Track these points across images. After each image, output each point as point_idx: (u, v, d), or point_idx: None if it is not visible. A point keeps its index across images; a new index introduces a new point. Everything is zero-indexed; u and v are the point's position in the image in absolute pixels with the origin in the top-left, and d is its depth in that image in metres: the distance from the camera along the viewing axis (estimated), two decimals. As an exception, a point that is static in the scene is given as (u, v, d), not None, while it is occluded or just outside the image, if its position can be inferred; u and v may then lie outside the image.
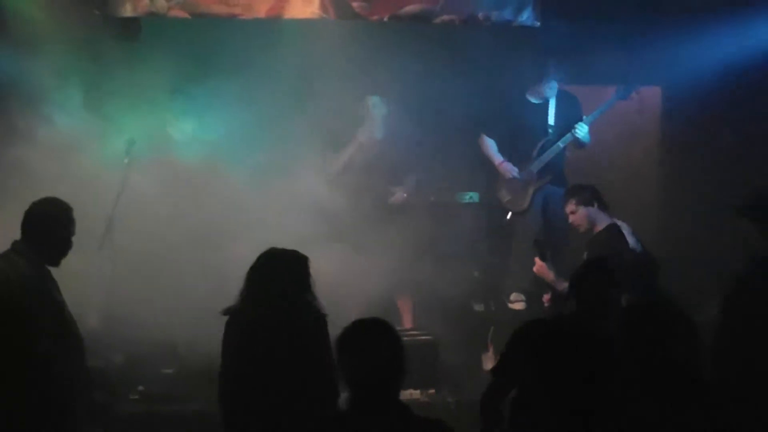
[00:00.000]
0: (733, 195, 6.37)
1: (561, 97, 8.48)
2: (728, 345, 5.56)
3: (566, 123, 8.37)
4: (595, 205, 7.07)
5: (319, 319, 5.13)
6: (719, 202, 6.42)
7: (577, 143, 8.35)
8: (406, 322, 8.10)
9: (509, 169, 8.43)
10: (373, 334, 3.68)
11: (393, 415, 3.62)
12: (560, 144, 8.34)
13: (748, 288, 5.66)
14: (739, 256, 6.05)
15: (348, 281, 7.19)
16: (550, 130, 8.41)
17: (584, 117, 8.32)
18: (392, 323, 3.77)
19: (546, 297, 7.14)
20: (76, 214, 5.45)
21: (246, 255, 5.19)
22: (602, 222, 7.06)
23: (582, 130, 8.25)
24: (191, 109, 7.90)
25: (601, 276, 5.16)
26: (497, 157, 8.50)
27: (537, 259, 7.05)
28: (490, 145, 8.54)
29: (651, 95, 9.29)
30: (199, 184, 7.88)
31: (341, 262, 7.30)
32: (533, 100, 8.45)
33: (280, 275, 5.15)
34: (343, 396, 3.90)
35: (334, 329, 3.94)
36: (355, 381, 3.62)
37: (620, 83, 8.41)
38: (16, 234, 5.30)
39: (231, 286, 5.20)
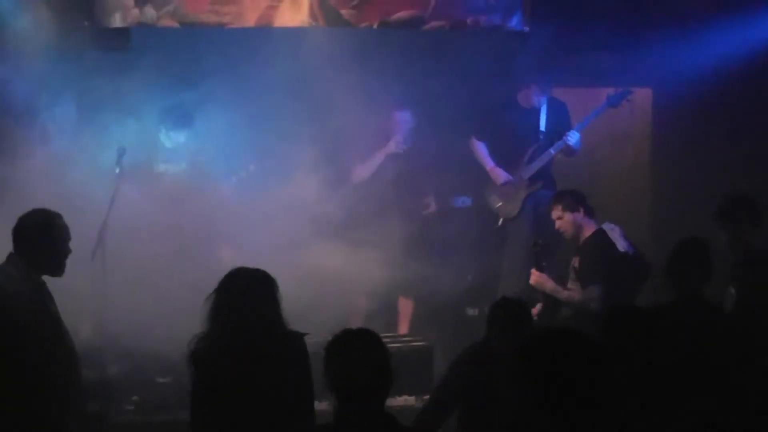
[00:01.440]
0: (724, 196, 6.41)
1: (551, 104, 8.49)
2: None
3: (557, 129, 8.38)
4: (581, 210, 7.05)
5: (298, 340, 4.78)
6: (710, 203, 6.43)
7: (568, 150, 8.36)
8: (403, 327, 8.11)
9: (501, 175, 8.43)
10: (361, 344, 3.68)
11: (379, 425, 3.62)
12: (551, 151, 8.34)
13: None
14: (730, 259, 6.13)
15: (342, 287, 7.21)
16: (541, 137, 8.43)
17: (576, 124, 8.33)
18: (378, 333, 3.77)
19: (534, 310, 7.13)
20: (69, 226, 5.45)
21: (241, 263, 5.16)
22: (589, 228, 7.05)
23: (573, 138, 8.26)
24: (182, 118, 7.89)
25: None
26: (488, 162, 8.51)
27: (534, 270, 7.03)
28: (482, 150, 8.55)
29: (642, 97, 9.30)
30: (192, 193, 7.89)
31: (335, 269, 7.31)
32: (523, 104, 8.47)
33: (253, 297, 4.70)
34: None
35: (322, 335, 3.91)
36: (341, 391, 3.61)
37: (611, 87, 8.42)
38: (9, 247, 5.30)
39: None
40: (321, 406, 5.41)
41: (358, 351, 3.65)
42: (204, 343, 4.68)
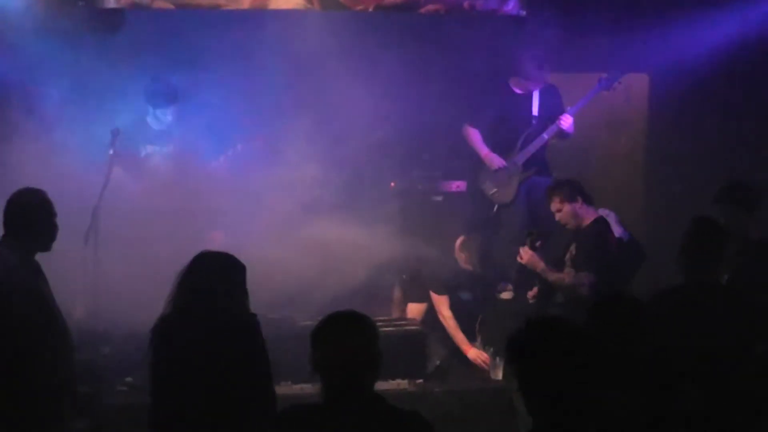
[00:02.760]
0: (720, 183, 6.41)
1: (544, 89, 8.47)
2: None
3: (549, 114, 8.37)
4: (580, 199, 7.01)
5: (249, 321, 4.85)
6: (706, 189, 6.43)
7: (561, 134, 8.34)
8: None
9: (495, 160, 8.42)
10: (348, 325, 3.69)
11: (367, 405, 3.62)
12: (545, 135, 8.33)
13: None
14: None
15: (333, 269, 7.21)
16: (533, 122, 8.41)
17: (568, 108, 8.31)
18: (366, 315, 3.76)
19: (531, 293, 7.14)
20: (61, 207, 5.45)
21: (231, 244, 5.15)
22: (589, 216, 7.02)
23: (566, 122, 8.24)
24: (168, 97, 7.86)
25: None
26: (483, 148, 8.49)
27: (526, 248, 7.01)
28: (475, 137, 8.53)
29: (638, 83, 9.29)
30: (180, 174, 7.89)
31: (325, 250, 7.30)
32: (517, 90, 8.45)
33: (216, 282, 4.81)
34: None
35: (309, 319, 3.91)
36: (329, 372, 3.61)
37: (608, 71, 8.41)
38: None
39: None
40: (306, 388, 5.43)
41: (346, 332, 3.65)
42: (163, 322, 4.84)
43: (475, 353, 7.42)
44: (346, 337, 3.62)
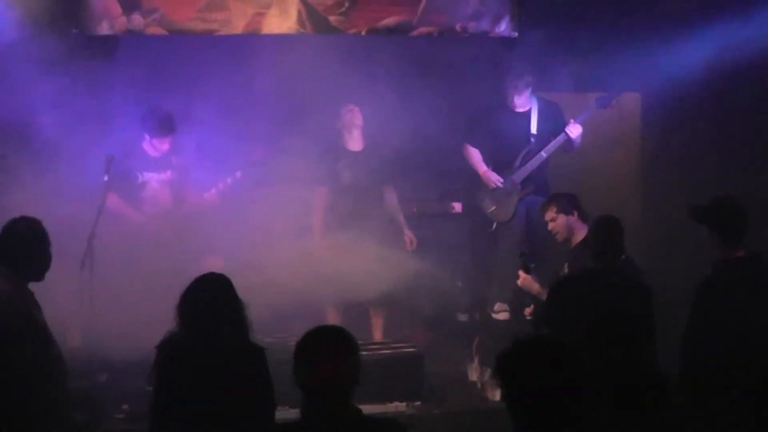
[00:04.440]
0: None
1: (543, 106, 8.50)
2: (696, 349, 5.57)
3: (549, 131, 8.39)
4: (575, 214, 7.01)
5: (257, 354, 4.88)
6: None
7: (568, 144, 8.35)
8: (376, 334, 8.05)
9: (494, 179, 8.44)
10: (331, 340, 3.73)
11: (345, 419, 3.65)
12: (543, 153, 8.35)
13: (714, 293, 5.68)
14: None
15: (327, 292, 7.22)
16: (532, 139, 8.43)
17: (571, 121, 8.31)
18: (347, 330, 3.80)
19: (528, 310, 7.12)
20: (56, 234, 5.44)
21: (229, 271, 5.14)
22: (581, 232, 6.98)
23: (575, 131, 8.25)
24: (165, 125, 7.87)
25: None
26: (482, 166, 8.51)
27: (521, 272, 6.98)
28: (475, 155, 8.55)
29: (631, 102, 9.33)
30: (177, 201, 7.90)
31: (320, 274, 7.31)
32: (515, 108, 8.47)
33: (214, 305, 4.84)
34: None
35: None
36: (308, 387, 3.63)
37: (599, 92, 8.44)
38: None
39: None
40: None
41: (330, 347, 3.69)
42: (166, 349, 4.85)
43: None
44: (328, 353, 3.66)
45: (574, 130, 8.26)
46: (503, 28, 8.56)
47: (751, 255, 5.69)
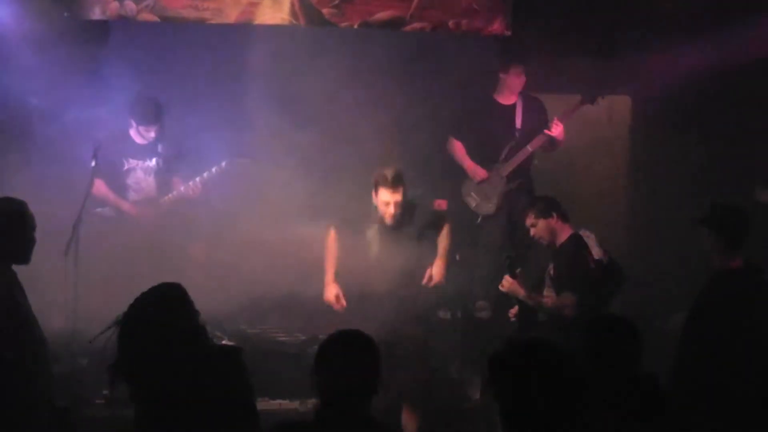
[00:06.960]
0: (702, 205, 6.40)
1: (527, 101, 8.51)
2: (690, 360, 5.60)
3: (533, 126, 8.39)
4: (555, 215, 6.98)
5: (231, 354, 4.38)
6: (688, 211, 6.42)
7: (551, 142, 8.37)
8: None
9: (478, 172, 8.45)
10: (355, 348, 3.70)
11: (359, 426, 3.64)
12: (529, 148, 8.36)
13: (709, 305, 5.70)
14: (706, 267, 6.09)
15: (315, 285, 7.20)
16: (516, 134, 8.44)
17: (555, 117, 8.32)
18: (370, 336, 3.76)
19: (512, 311, 7.10)
20: (43, 219, 5.43)
21: (212, 257, 5.14)
22: (564, 233, 6.98)
23: (557, 128, 8.25)
24: (152, 112, 7.85)
25: None
26: (467, 160, 8.52)
27: (507, 277, 6.86)
28: (460, 149, 8.56)
29: (620, 104, 9.34)
30: (165, 188, 7.88)
31: (307, 266, 7.29)
32: (501, 101, 8.48)
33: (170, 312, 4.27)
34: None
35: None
36: (329, 393, 3.62)
37: (590, 93, 8.44)
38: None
39: (195, 288, 5.12)
40: (284, 404, 5.41)
41: (350, 355, 3.66)
42: (126, 361, 4.38)
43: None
44: (350, 362, 3.64)
45: (556, 127, 8.26)
46: (496, 26, 8.57)
47: (747, 266, 5.70)
